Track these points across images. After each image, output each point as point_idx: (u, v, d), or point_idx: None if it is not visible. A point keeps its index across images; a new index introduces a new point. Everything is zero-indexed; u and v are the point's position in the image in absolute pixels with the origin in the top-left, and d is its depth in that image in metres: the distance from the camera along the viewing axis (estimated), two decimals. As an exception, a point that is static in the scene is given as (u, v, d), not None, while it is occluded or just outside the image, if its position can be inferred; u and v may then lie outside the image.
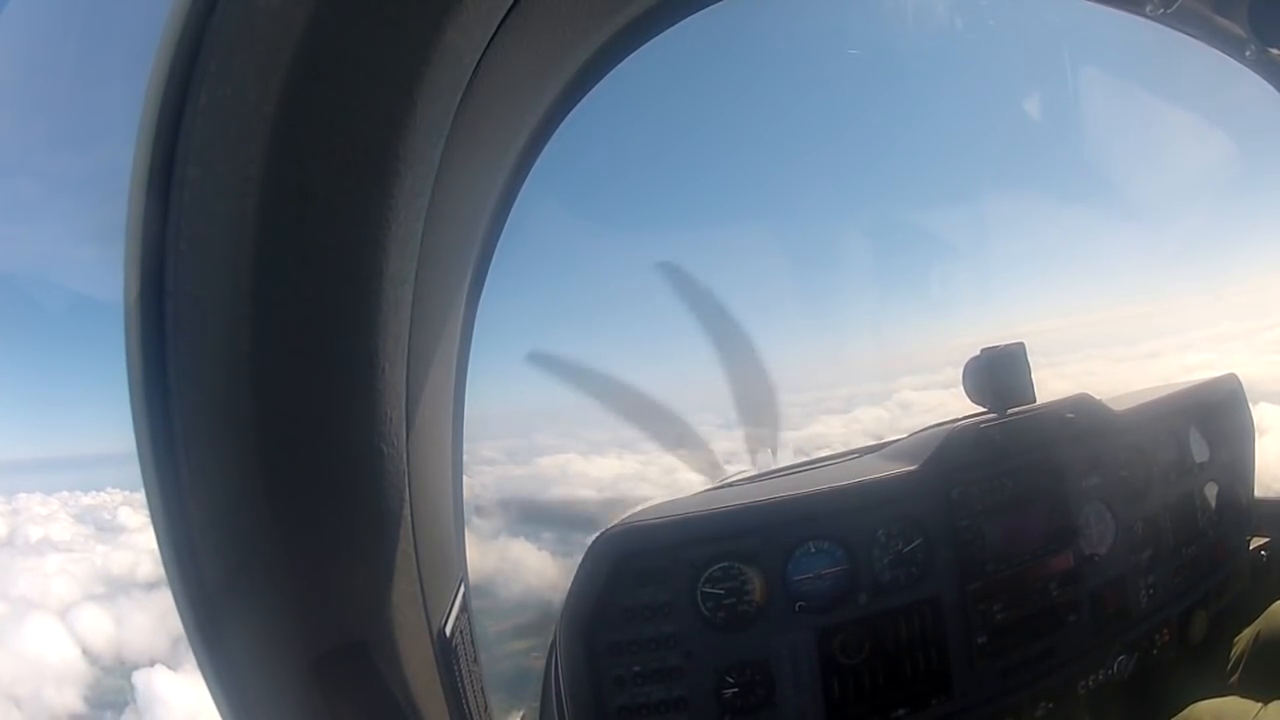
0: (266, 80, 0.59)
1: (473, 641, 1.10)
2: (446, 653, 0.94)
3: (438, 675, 0.92)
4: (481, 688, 1.11)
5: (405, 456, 0.81)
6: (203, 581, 0.65)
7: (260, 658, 0.70)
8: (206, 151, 0.59)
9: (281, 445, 0.67)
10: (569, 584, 1.60)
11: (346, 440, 0.72)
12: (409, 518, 0.82)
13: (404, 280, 0.76)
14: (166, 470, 0.63)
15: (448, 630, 0.96)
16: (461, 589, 1.08)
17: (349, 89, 0.63)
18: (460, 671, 0.97)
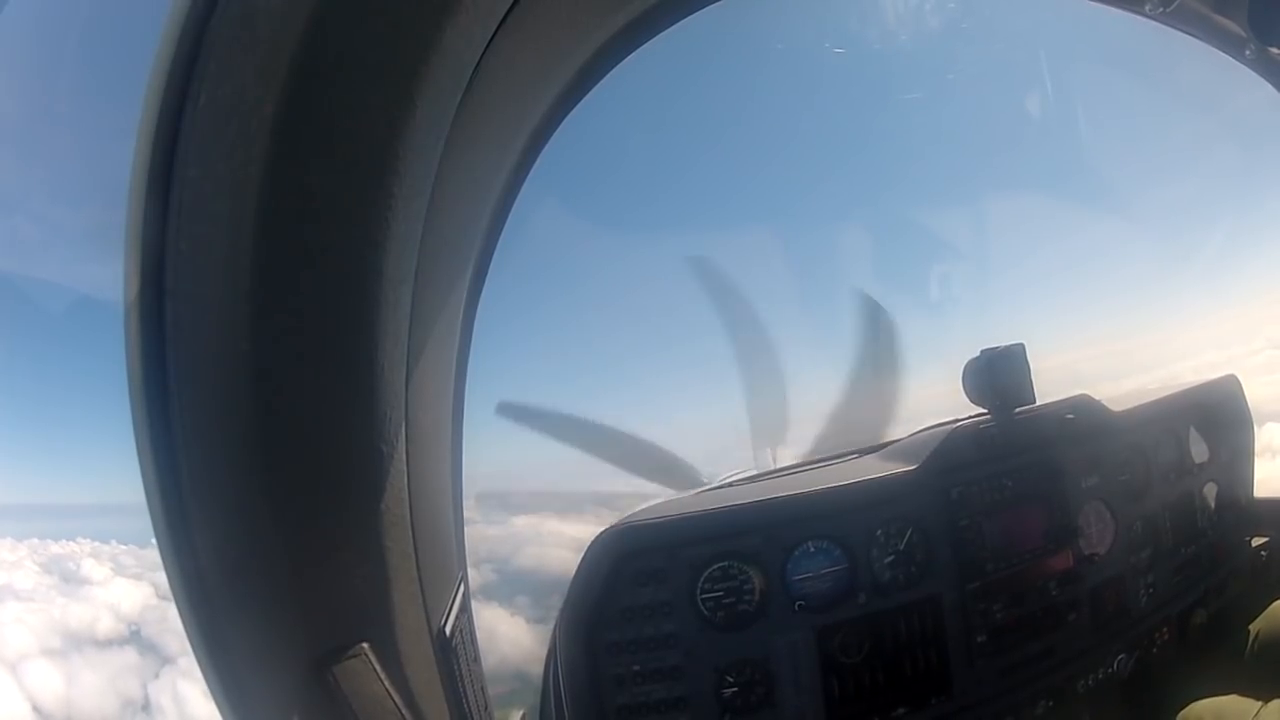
0: (266, 80, 0.59)
1: (473, 641, 1.10)
2: (446, 652, 0.94)
3: (438, 675, 0.92)
4: (482, 687, 1.11)
5: (405, 456, 0.81)
6: (203, 581, 0.65)
7: (260, 658, 0.70)
8: (206, 151, 0.59)
9: (281, 445, 0.67)
10: (566, 589, 1.60)
11: (346, 440, 0.72)
12: (409, 517, 0.82)
13: (404, 280, 0.76)
14: (166, 470, 0.62)
15: (448, 630, 0.96)
16: (461, 588, 1.08)
17: (349, 89, 0.63)
18: (460, 671, 0.97)
